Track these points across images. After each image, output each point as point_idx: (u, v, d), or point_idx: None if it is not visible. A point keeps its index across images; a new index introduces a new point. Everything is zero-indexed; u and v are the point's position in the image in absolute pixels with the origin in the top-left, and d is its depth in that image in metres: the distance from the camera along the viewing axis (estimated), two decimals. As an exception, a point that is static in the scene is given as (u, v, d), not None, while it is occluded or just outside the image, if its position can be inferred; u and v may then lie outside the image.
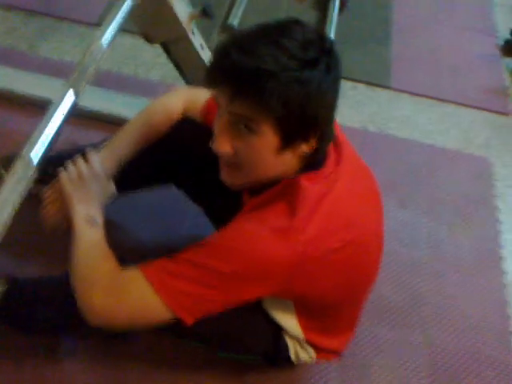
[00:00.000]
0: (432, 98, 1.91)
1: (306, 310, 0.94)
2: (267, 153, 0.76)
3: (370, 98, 1.88)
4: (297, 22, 0.75)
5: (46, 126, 0.72)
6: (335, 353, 1.07)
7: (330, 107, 0.78)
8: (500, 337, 1.30)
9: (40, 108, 0.96)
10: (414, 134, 1.78)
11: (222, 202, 1.02)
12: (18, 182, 0.67)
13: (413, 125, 1.81)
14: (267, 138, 0.75)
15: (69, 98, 0.77)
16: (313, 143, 0.78)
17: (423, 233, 1.50)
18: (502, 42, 2.16)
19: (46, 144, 0.71)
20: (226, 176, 0.83)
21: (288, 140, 0.76)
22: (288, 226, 0.76)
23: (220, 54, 0.74)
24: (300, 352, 1.02)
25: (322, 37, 0.76)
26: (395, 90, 1.91)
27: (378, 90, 1.91)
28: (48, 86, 1.55)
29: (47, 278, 1.04)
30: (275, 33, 0.73)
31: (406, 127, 1.79)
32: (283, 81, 0.70)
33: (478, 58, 2.10)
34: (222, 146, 0.77)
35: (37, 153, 0.70)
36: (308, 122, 0.75)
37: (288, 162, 0.79)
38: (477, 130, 1.84)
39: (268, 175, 0.80)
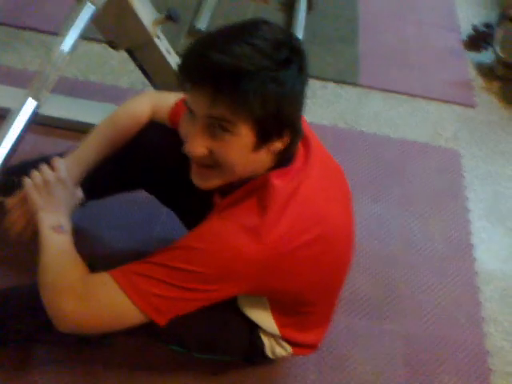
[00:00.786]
0: (400, 93, 1.95)
1: (281, 307, 0.95)
2: (243, 152, 0.76)
3: (340, 96, 1.90)
4: (264, 22, 0.76)
5: (5, 135, 0.71)
6: (311, 347, 1.08)
7: (301, 105, 0.80)
8: (472, 322, 1.33)
9: (2, 118, 0.95)
10: (384, 129, 1.81)
11: (193, 205, 1.02)
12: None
13: (382, 120, 1.84)
14: (244, 137, 0.75)
15: (29, 107, 0.76)
16: (286, 140, 0.79)
17: (396, 226, 1.52)
18: (465, 37, 2.21)
19: (6, 152, 0.70)
20: (199, 178, 0.83)
21: (264, 138, 0.76)
22: (258, 225, 0.77)
23: (195, 55, 0.73)
24: (276, 348, 1.03)
25: (290, 36, 0.77)
26: (364, 87, 1.94)
27: (347, 87, 1.93)
28: (10, 96, 1.53)
29: (15, 289, 1.02)
30: (246, 33, 0.73)
31: (376, 123, 1.82)
32: (261, 80, 0.71)
33: (443, 53, 2.14)
34: (197, 148, 0.76)
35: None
36: (283, 121, 0.76)
37: (262, 159, 0.80)
38: (445, 123, 1.88)
39: (242, 174, 0.81)
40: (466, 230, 1.54)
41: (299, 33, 1.97)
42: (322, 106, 1.84)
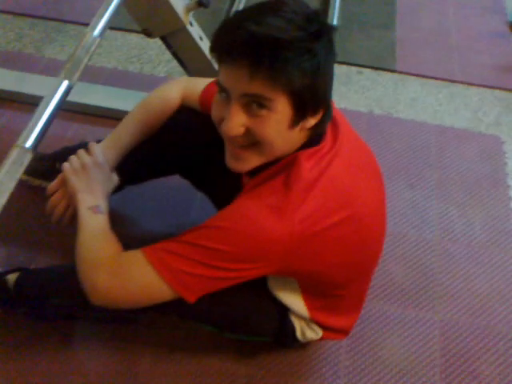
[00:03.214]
0: (439, 78, 1.89)
1: (311, 289, 0.95)
2: (280, 128, 0.76)
3: (376, 82, 1.87)
4: None
5: (38, 114, 0.74)
6: (343, 332, 1.08)
7: (332, 79, 0.79)
8: (512, 313, 1.29)
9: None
10: (422, 115, 1.76)
11: (224, 187, 1.03)
12: (14, 167, 0.70)
13: (420, 106, 1.79)
14: (281, 113, 0.75)
15: (62, 87, 0.80)
16: (319, 116, 0.79)
17: (433, 213, 1.48)
18: (511, 19, 2.12)
19: (40, 130, 0.74)
20: (235, 160, 0.82)
21: (300, 113, 0.76)
22: (284, 204, 0.77)
23: (231, 28, 0.73)
24: (307, 331, 1.03)
25: (317, 11, 0.77)
26: (401, 73, 1.90)
27: (384, 73, 1.89)
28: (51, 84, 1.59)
29: (57, 267, 1.07)
30: (276, 7, 0.73)
31: (414, 109, 1.78)
32: (297, 51, 0.71)
33: (487, 36, 2.06)
34: (234, 127, 0.76)
35: (31, 138, 0.73)
36: (318, 94, 0.76)
37: (296, 136, 0.79)
38: (487, 108, 1.81)
39: (280, 152, 0.80)
40: (508, 220, 1.48)
41: (335, 18, 1.95)
42: (358, 92, 1.82)
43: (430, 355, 1.21)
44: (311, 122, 0.79)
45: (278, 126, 0.76)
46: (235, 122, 0.76)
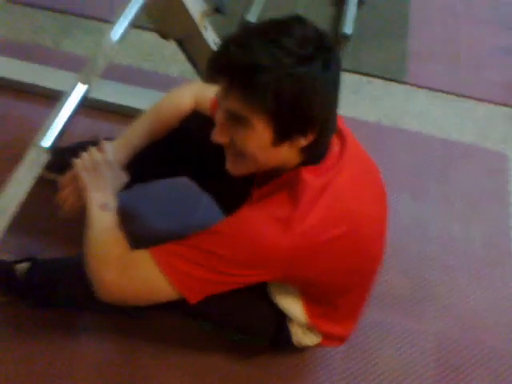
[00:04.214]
0: (448, 92, 1.91)
1: (311, 297, 0.97)
2: (262, 145, 0.79)
3: (386, 92, 1.88)
4: (298, 20, 0.77)
5: (56, 115, 0.77)
6: (339, 339, 1.10)
7: (328, 103, 0.79)
8: (508, 330, 1.30)
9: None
10: (429, 128, 1.78)
11: (232, 193, 1.05)
12: (31, 165, 0.72)
13: (428, 119, 1.81)
14: (260, 132, 0.77)
15: (79, 90, 0.82)
16: (311, 137, 0.80)
17: (435, 226, 1.50)
18: (523, 37, 2.13)
19: (58, 131, 0.76)
20: (231, 165, 0.87)
21: (282, 134, 0.78)
22: (289, 216, 0.79)
23: (219, 49, 0.77)
24: (303, 338, 1.05)
25: (321, 34, 0.77)
26: (411, 85, 1.92)
27: (394, 85, 1.91)
28: (67, 80, 1.61)
29: (66, 258, 1.09)
30: (274, 30, 0.75)
31: (421, 122, 1.80)
32: (276, 76, 0.72)
33: (498, 53, 2.07)
34: (218, 136, 0.82)
35: (48, 139, 0.75)
36: (302, 118, 0.77)
37: (286, 153, 0.82)
38: (494, 124, 1.83)
39: (268, 165, 0.83)
40: (508, 237, 1.50)
41: (349, 27, 1.97)
42: (367, 102, 1.83)
43: (424, 366, 1.23)
44: (301, 142, 0.80)
45: (259, 143, 0.79)
46: (219, 131, 0.81)
